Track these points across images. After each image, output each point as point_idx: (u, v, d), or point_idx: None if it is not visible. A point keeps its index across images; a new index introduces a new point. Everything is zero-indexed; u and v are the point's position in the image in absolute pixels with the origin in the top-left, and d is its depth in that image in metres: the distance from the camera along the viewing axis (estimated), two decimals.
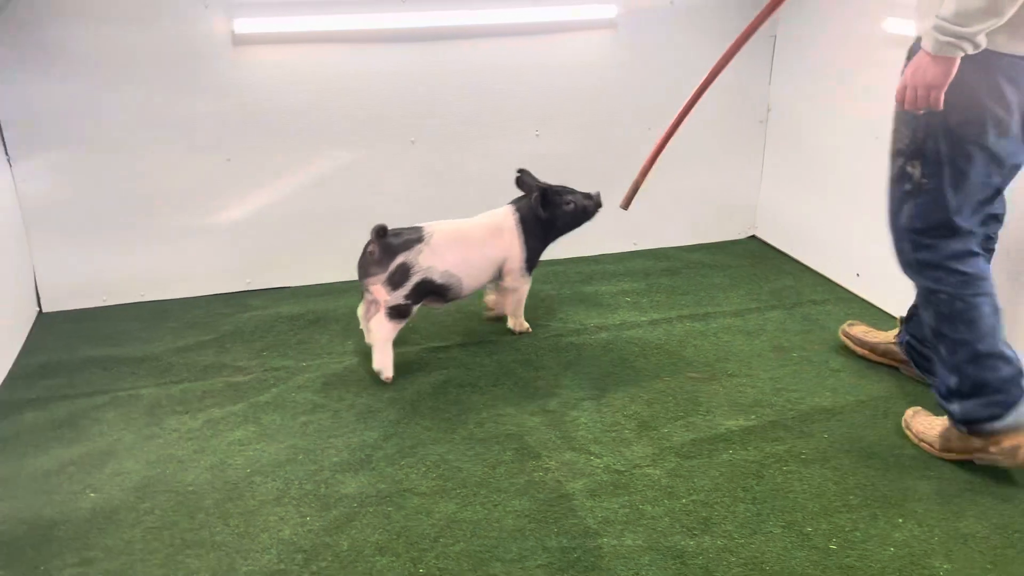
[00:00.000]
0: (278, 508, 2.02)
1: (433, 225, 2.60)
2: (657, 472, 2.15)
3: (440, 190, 3.24)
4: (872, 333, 2.66)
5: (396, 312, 2.53)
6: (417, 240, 2.53)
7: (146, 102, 2.87)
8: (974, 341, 2.06)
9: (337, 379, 2.58)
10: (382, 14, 2.97)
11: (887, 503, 2.04)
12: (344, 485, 2.10)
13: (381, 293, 2.51)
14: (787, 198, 3.51)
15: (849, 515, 2.00)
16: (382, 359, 2.55)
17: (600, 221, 2.81)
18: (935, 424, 2.22)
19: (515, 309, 2.81)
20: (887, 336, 2.61)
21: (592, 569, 1.83)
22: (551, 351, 2.75)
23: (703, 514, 2.00)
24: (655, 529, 1.95)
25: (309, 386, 2.54)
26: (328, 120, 3.06)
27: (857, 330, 2.70)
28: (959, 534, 1.94)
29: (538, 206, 2.67)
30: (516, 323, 2.83)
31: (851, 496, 2.06)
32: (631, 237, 3.54)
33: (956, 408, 2.12)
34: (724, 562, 1.85)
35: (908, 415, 2.31)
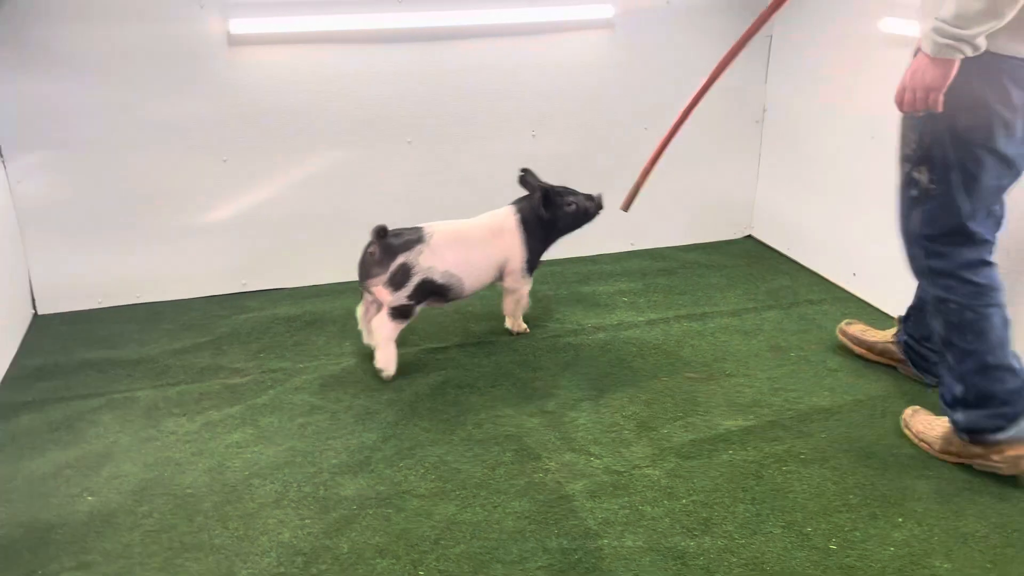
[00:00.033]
0: (277, 511, 2.02)
1: (433, 225, 2.59)
2: (657, 473, 2.15)
3: (437, 190, 3.23)
4: (870, 332, 2.66)
5: (398, 313, 2.53)
6: (417, 241, 2.53)
7: (142, 102, 2.86)
8: (983, 352, 2.05)
9: (335, 381, 2.57)
10: (378, 14, 2.96)
11: (886, 503, 2.04)
12: (343, 487, 2.10)
13: (383, 294, 2.51)
14: (783, 198, 3.52)
15: (849, 515, 2.00)
16: (384, 357, 2.55)
17: (597, 221, 2.81)
18: (935, 424, 2.22)
19: (514, 310, 2.80)
20: (885, 335, 2.62)
21: (593, 571, 1.83)
22: (549, 352, 2.75)
23: (703, 515, 2.00)
24: (655, 530, 1.95)
25: (307, 388, 2.53)
26: (324, 121, 3.05)
27: (855, 329, 2.70)
28: (959, 533, 1.94)
29: (540, 207, 2.66)
30: (514, 324, 2.83)
31: (850, 496, 2.07)
32: (628, 237, 3.54)
33: (960, 417, 2.11)
34: (725, 563, 1.85)
35: (907, 414, 2.32)
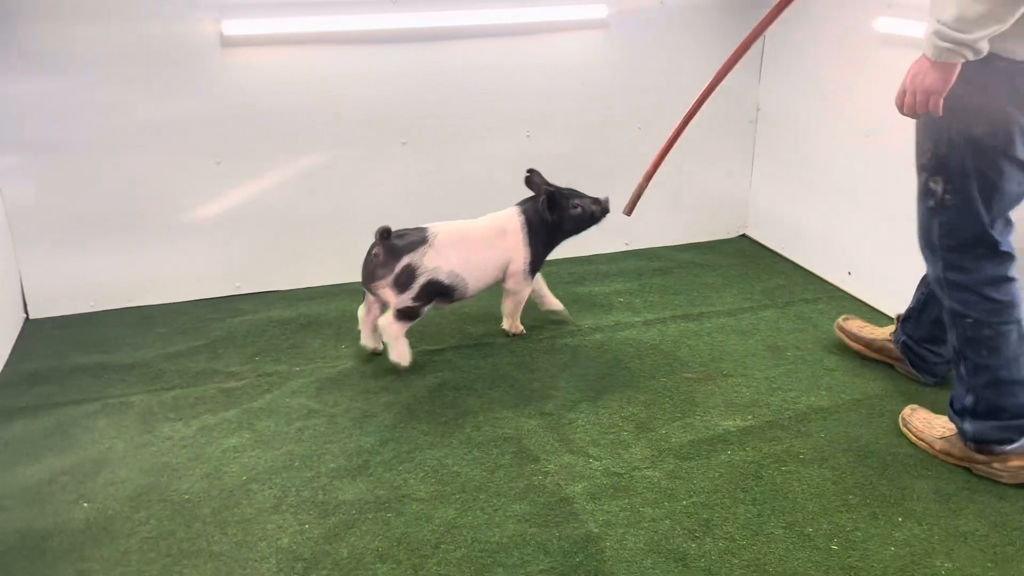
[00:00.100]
0: (276, 516, 2.00)
1: (437, 226, 2.59)
2: (656, 474, 2.15)
3: (432, 192, 3.22)
4: (868, 329, 2.66)
5: (404, 314, 2.53)
6: (421, 242, 2.52)
7: (134, 104, 2.83)
8: (996, 368, 2.04)
9: (331, 383, 2.56)
10: (372, 15, 2.95)
11: (886, 502, 2.05)
12: (342, 491, 2.08)
13: (389, 296, 2.51)
14: (777, 197, 3.52)
15: (849, 515, 2.00)
16: (398, 352, 2.57)
17: None
18: (934, 424, 2.22)
19: (513, 311, 2.79)
20: (883, 332, 2.62)
21: (595, 573, 1.82)
22: (546, 353, 2.74)
23: (704, 516, 2.00)
24: (656, 531, 1.95)
25: (303, 391, 2.52)
26: (318, 122, 3.03)
27: (853, 325, 2.70)
28: (959, 532, 1.94)
29: (545, 209, 2.65)
30: (512, 325, 2.82)
31: (850, 496, 2.07)
32: (623, 237, 3.53)
33: (969, 427, 2.11)
34: (727, 564, 1.85)
35: (906, 413, 2.32)
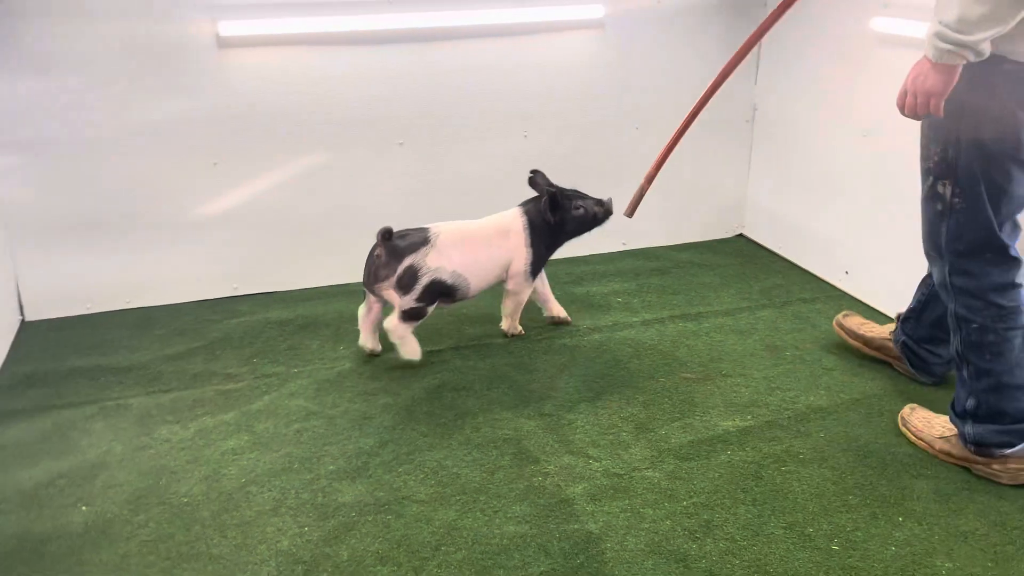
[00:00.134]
0: (275, 518, 1.99)
1: (439, 226, 2.59)
2: (656, 475, 2.15)
3: (429, 192, 3.21)
4: (867, 326, 2.66)
5: (409, 315, 2.54)
6: (423, 242, 2.52)
7: (130, 104, 2.82)
8: (1000, 373, 2.04)
9: (330, 385, 2.55)
10: (369, 16, 2.94)
11: (886, 502, 2.05)
12: (341, 494, 2.08)
13: (393, 297, 2.51)
14: (774, 196, 3.52)
15: (849, 515, 2.00)
16: (408, 349, 2.60)
17: None
18: (934, 423, 2.22)
19: (513, 311, 2.79)
20: (882, 331, 2.61)
21: (596, 575, 1.82)
22: (544, 353, 2.74)
23: (704, 516, 2.00)
24: (657, 532, 1.94)
25: (302, 393, 2.51)
26: (315, 123, 3.02)
27: (852, 322, 2.69)
28: (959, 532, 1.95)
29: (547, 210, 2.65)
30: (511, 325, 2.81)
31: (850, 496, 2.07)
32: (620, 237, 3.53)
33: (969, 430, 2.11)
34: (728, 565, 1.85)
35: (905, 412, 2.32)
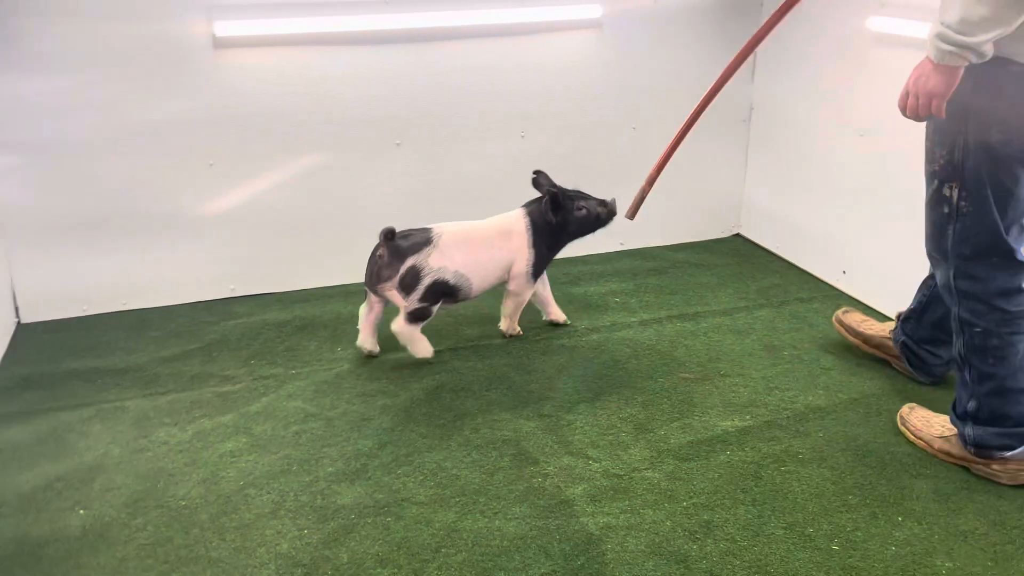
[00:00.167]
0: (274, 521, 1.99)
1: (442, 226, 2.59)
2: (656, 475, 2.15)
3: (427, 192, 3.20)
4: (867, 324, 2.66)
5: (415, 316, 2.54)
6: (425, 242, 2.52)
7: (126, 105, 2.81)
8: (1002, 376, 2.04)
9: (328, 386, 2.55)
10: (366, 16, 2.93)
11: (886, 502, 2.05)
12: (341, 496, 2.07)
13: (396, 297, 2.50)
14: (771, 196, 3.52)
15: (849, 515, 2.00)
16: (419, 349, 2.60)
17: None
18: (933, 422, 2.23)
19: (513, 312, 2.78)
20: (882, 328, 2.61)
21: None
22: (543, 354, 2.73)
23: (704, 517, 2.00)
24: (657, 533, 1.94)
25: (300, 394, 2.50)
26: (312, 123, 3.01)
27: (852, 319, 2.69)
28: (959, 531, 1.95)
29: (548, 211, 2.64)
30: (510, 326, 2.81)
31: (850, 496, 2.07)
32: (617, 237, 3.53)
33: (969, 431, 2.10)
34: (728, 565, 1.85)
35: (904, 411, 2.32)
